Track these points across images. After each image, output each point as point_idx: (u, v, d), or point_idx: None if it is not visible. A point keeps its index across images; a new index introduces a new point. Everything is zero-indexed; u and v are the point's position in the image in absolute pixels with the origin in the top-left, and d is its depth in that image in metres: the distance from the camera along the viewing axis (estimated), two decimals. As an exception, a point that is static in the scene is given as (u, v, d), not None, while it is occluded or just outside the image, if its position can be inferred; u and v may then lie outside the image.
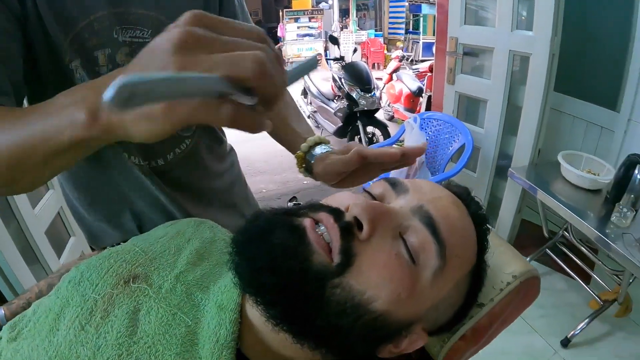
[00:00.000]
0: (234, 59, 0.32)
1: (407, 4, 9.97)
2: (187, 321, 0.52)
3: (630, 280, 2.05)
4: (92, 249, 2.22)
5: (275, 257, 0.48)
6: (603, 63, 2.56)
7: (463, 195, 0.62)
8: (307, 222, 0.51)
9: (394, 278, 0.49)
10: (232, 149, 1.09)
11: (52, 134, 0.43)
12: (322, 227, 0.51)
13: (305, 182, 4.28)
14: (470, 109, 3.23)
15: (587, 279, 2.39)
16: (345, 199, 0.57)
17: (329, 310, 0.47)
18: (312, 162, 0.80)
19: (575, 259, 2.46)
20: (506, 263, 0.64)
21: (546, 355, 2.09)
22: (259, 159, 4.78)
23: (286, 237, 0.49)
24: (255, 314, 0.52)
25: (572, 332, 2.14)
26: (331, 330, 0.48)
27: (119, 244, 0.68)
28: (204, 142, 0.95)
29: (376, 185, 0.61)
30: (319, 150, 0.81)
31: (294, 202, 3.75)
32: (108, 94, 0.27)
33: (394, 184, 0.60)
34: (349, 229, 0.50)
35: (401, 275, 0.49)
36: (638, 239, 1.82)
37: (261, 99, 0.34)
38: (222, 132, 1.05)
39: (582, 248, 2.42)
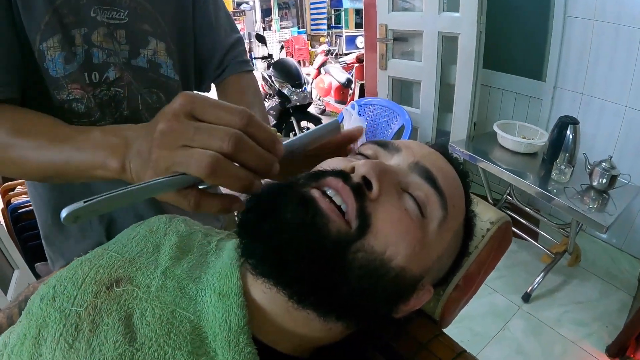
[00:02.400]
0: (191, 159, 0.39)
1: (327, -1, 10.07)
2: (188, 316, 0.48)
3: (577, 230, 2.21)
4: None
5: (292, 233, 0.45)
6: (526, 37, 2.72)
7: (445, 152, 0.62)
8: (315, 193, 0.48)
9: (409, 232, 0.49)
10: None
11: (84, 168, 0.52)
12: (330, 191, 0.49)
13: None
14: (404, 91, 3.34)
15: (534, 237, 2.53)
16: (341, 162, 0.55)
17: (353, 274, 0.45)
18: None
19: (521, 220, 2.60)
20: (481, 213, 0.67)
21: (511, 311, 2.20)
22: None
23: (298, 210, 0.47)
24: (260, 295, 0.50)
25: (530, 287, 2.26)
26: (356, 296, 0.47)
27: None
28: None
29: (366, 148, 0.60)
30: None
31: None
32: (62, 214, 0.36)
33: (384, 145, 0.60)
34: (359, 189, 0.48)
35: (414, 229, 0.50)
36: (579, 191, 1.98)
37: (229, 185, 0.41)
38: None
39: (527, 209, 2.57)
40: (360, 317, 0.50)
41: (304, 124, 4.75)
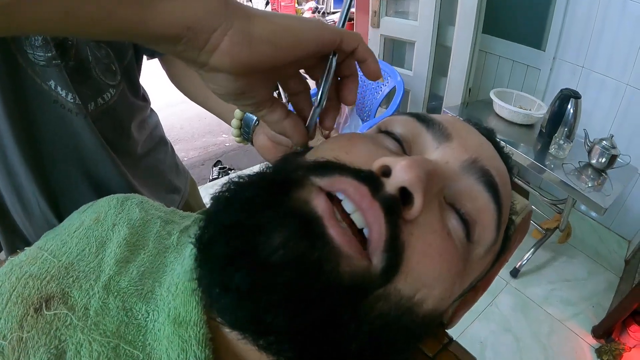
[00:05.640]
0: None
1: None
2: (136, 354, 0.35)
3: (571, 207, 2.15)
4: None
5: (282, 287, 0.30)
6: (529, 3, 2.57)
7: (493, 138, 0.46)
8: (321, 205, 0.32)
9: (452, 267, 0.35)
10: (152, 111, 0.99)
11: None
12: (347, 202, 0.33)
13: (227, 144, 4.07)
14: (396, 51, 3.19)
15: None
16: (363, 150, 0.38)
17: (368, 328, 0.32)
18: (250, 130, 0.73)
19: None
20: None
21: (499, 287, 2.16)
22: (175, 125, 4.40)
23: (295, 242, 0.30)
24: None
25: (519, 263, 2.22)
26: (366, 352, 0.33)
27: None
28: (125, 99, 0.85)
29: (397, 123, 0.43)
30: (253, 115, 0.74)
31: (220, 167, 3.53)
32: None
33: (427, 122, 0.42)
34: (394, 207, 0.32)
35: (457, 261, 0.35)
36: (577, 167, 1.90)
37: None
38: (146, 93, 0.95)
39: (518, 181, 2.49)
40: None
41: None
